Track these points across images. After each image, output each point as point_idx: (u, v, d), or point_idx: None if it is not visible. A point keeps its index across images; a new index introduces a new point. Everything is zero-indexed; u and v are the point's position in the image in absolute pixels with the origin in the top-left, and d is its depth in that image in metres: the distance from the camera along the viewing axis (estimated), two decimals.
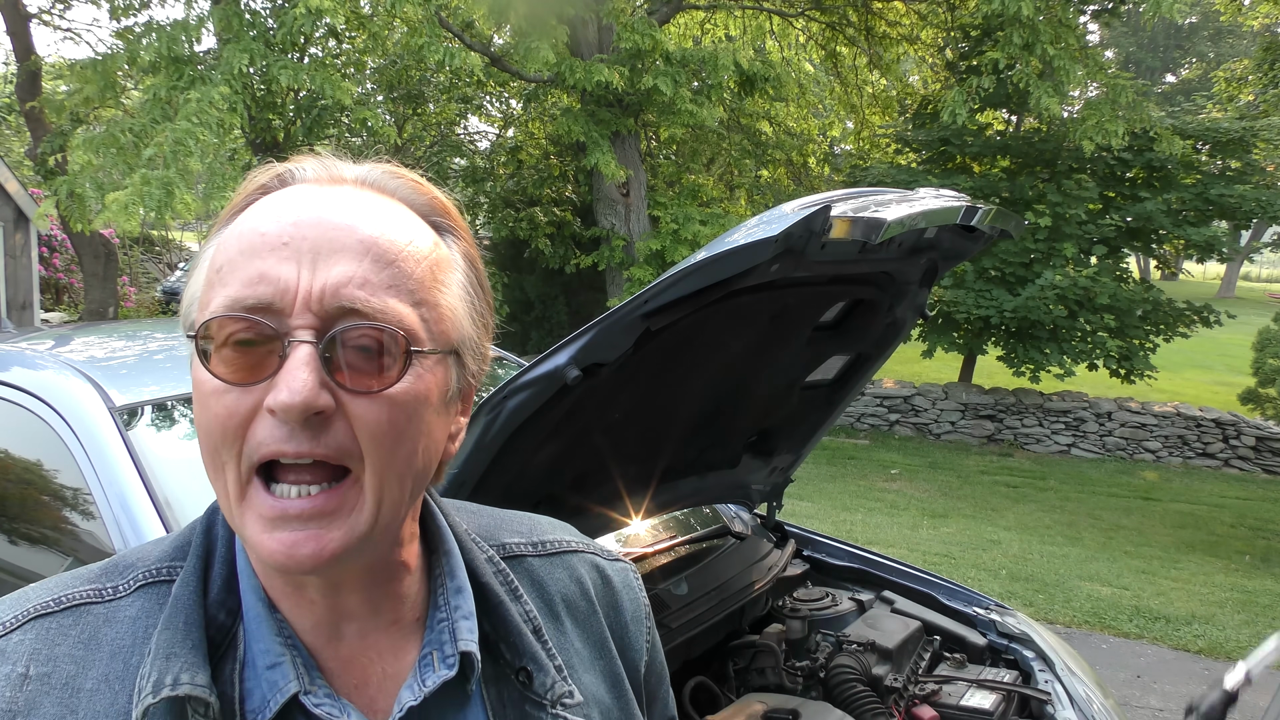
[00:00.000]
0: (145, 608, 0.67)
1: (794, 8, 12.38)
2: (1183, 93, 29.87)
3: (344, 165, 0.70)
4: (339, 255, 0.62)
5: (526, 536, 0.83)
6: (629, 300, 1.48)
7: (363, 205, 0.65)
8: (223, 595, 0.67)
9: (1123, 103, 9.11)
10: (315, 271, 0.61)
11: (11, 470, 2.15)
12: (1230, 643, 5.13)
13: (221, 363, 0.61)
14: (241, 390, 0.61)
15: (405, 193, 0.70)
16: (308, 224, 0.62)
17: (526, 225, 12.13)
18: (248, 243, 0.63)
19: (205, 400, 0.62)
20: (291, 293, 0.60)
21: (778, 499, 2.64)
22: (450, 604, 0.72)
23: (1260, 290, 36.27)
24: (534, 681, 0.72)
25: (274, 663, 0.65)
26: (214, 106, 7.12)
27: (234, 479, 0.62)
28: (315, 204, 0.64)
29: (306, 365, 0.59)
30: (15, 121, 17.77)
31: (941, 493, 8.87)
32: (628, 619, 0.84)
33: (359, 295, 0.61)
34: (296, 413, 0.59)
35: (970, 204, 1.79)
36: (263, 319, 0.60)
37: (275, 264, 0.61)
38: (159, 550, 0.71)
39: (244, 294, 0.61)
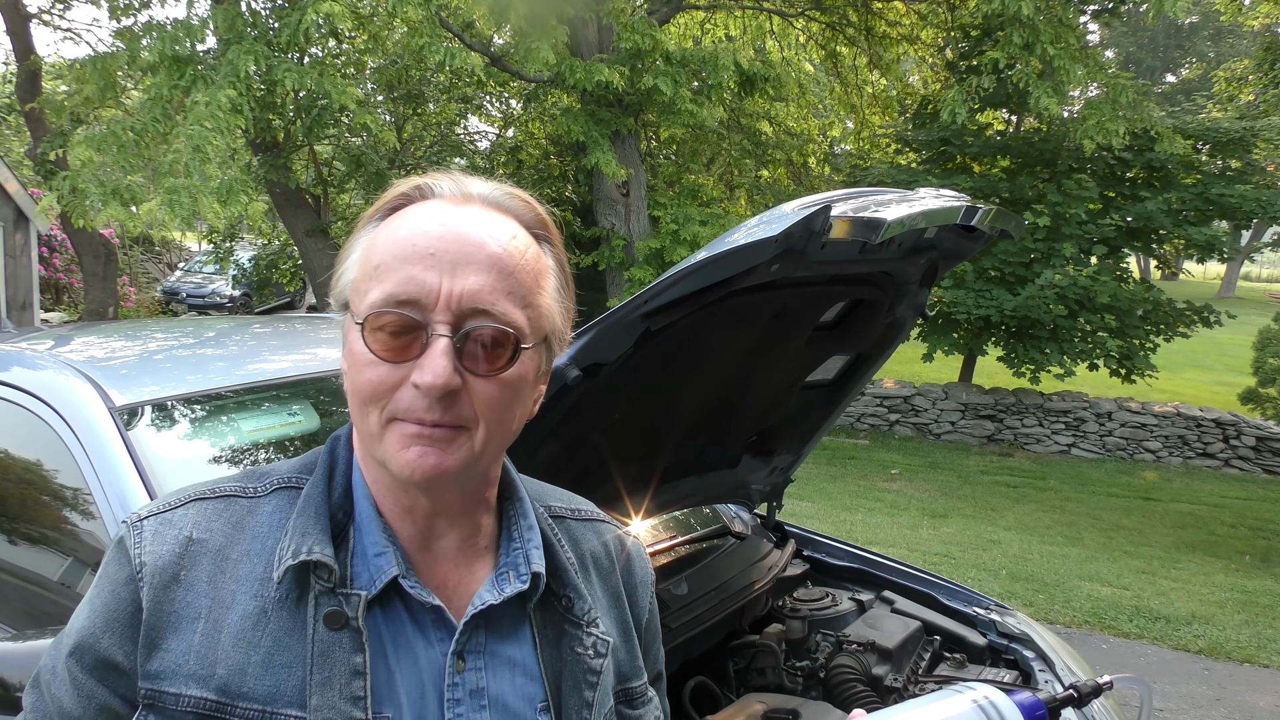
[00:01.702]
0: (279, 505, 0.86)
1: (794, 8, 12.37)
2: (1183, 93, 29.87)
3: (472, 183, 0.86)
4: (471, 267, 0.79)
5: (567, 503, 1.03)
6: (629, 300, 1.48)
7: (489, 224, 0.82)
8: (341, 500, 0.86)
9: (1123, 102, 9.11)
10: (454, 279, 0.78)
11: (11, 470, 2.15)
12: (1230, 643, 5.13)
13: (376, 342, 0.78)
14: (391, 366, 0.78)
15: (518, 210, 0.87)
16: (449, 239, 0.79)
17: None
18: (401, 250, 0.79)
19: (361, 368, 0.80)
20: (434, 295, 0.78)
21: (778, 499, 2.64)
22: (524, 536, 0.91)
23: (1260, 290, 36.26)
24: (574, 606, 0.90)
25: (380, 551, 0.83)
26: (221, 109, 7.13)
27: (376, 420, 0.80)
28: (454, 222, 0.81)
29: (445, 354, 0.77)
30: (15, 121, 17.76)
31: (941, 493, 8.87)
32: (637, 581, 1.02)
33: (486, 299, 0.79)
34: (438, 391, 0.77)
35: (970, 204, 1.79)
36: (411, 313, 0.78)
37: (422, 270, 0.78)
38: (288, 465, 0.90)
39: (398, 291, 0.78)
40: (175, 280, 20.95)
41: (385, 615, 0.83)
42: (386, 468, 0.81)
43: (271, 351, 2.60)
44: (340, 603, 0.81)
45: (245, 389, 2.19)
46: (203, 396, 2.12)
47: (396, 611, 0.84)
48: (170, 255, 24.23)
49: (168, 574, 0.81)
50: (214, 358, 2.50)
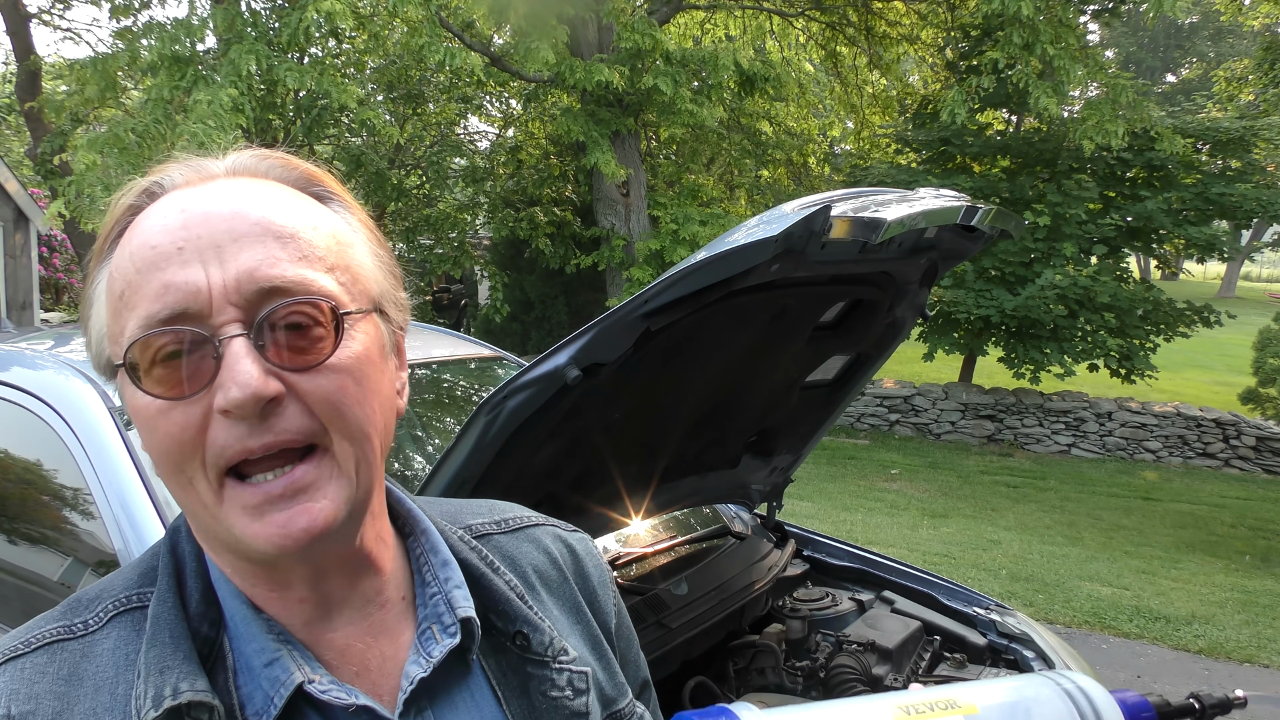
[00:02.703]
0: (122, 636, 0.66)
1: (794, 8, 12.37)
2: (1183, 93, 29.87)
3: (209, 162, 0.69)
4: (239, 242, 0.61)
5: (488, 516, 0.85)
6: (629, 300, 1.48)
7: (243, 192, 0.65)
8: (202, 608, 0.67)
9: (1123, 102, 9.11)
10: (223, 264, 0.61)
11: (11, 470, 2.15)
12: (1230, 643, 5.13)
13: (156, 383, 0.61)
14: (187, 403, 0.60)
15: (277, 171, 0.70)
16: (196, 222, 0.62)
17: (526, 225, 12.13)
18: (142, 259, 0.62)
19: (151, 424, 0.62)
20: (205, 292, 0.60)
21: (778, 499, 2.64)
22: (440, 577, 0.73)
23: (1260, 290, 36.26)
24: (532, 642, 0.74)
25: (271, 659, 0.65)
26: (222, 109, 7.14)
27: (206, 488, 0.62)
28: (197, 202, 0.63)
29: (246, 356, 0.59)
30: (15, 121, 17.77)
31: (941, 493, 8.87)
32: (595, 584, 0.86)
33: (274, 273, 0.61)
34: (250, 406, 0.59)
35: (970, 204, 1.79)
36: (184, 326, 0.60)
37: (177, 270, 0.60)
38: (122, 580, 0.70)
39: (156, 308, 0.60)
40: None
41: None
42: (243, 549, 0.63)
43: None
44: None
45: None
46: None
47: None
48: None
49: None
50: None
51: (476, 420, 1.53)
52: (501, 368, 2.93)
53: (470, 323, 16.50)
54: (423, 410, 2.64)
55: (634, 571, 2.24)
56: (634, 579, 2.20)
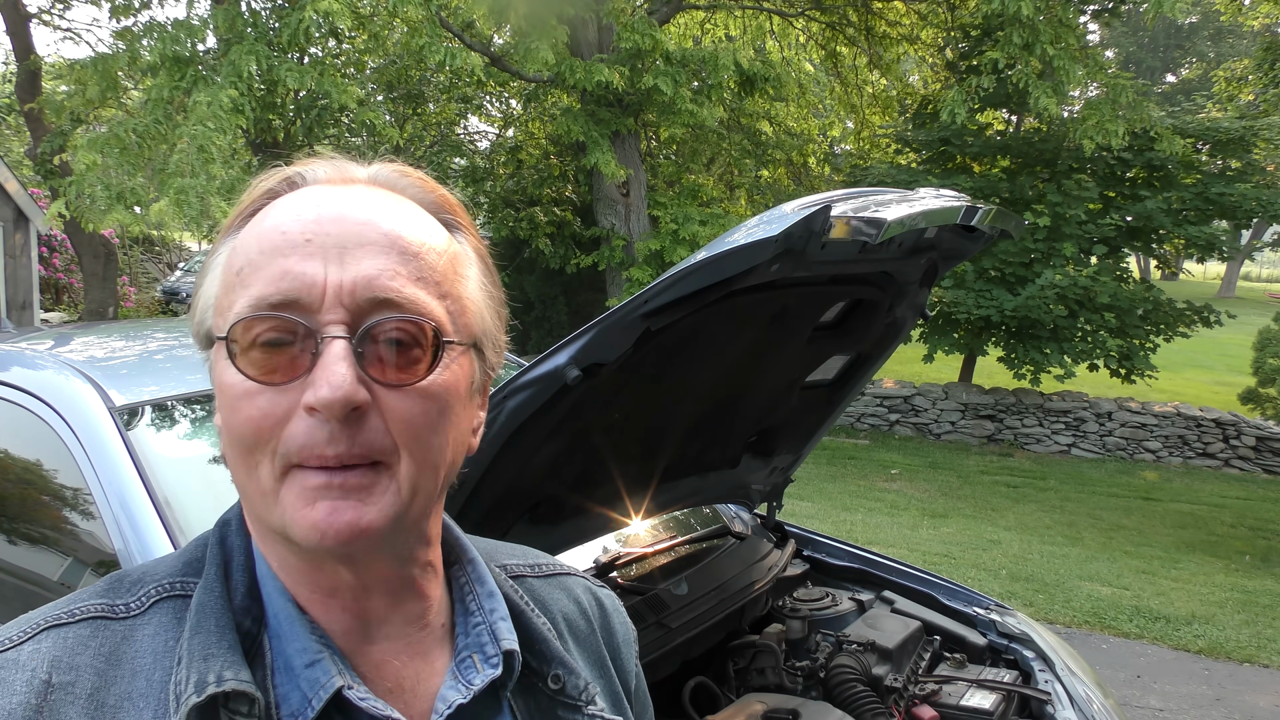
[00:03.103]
0: (163, 623, 0.65)
1: (794, 8, 12.37)
2: (1183, 93, 29.86)
3: (354, 166, 0.70)
4: (365, 249, 0.62)
5: (523, 559, 0.85)
6: (629, 300, 1.48)
7: (379, 202, 0.66)
8: (246, 603, 0.66)
9: (1123, 102, 9.11)
10: (344, 266, 0.61)
11: (11, 470, 2.15)
12: (1230, 643, 5.13)
13: (251, 364, 0.61)
14: (276, 390, 0.60)
15: (414, 191, 0.71)
16: (329, 220, 0.63)
17: (526, 225, 12.14)
18: (269, 242, 0.62)
19: (235, 403, 0.61)
20: (320, 287, 0.60)
21: (778, 499, 2.64)
22: (484, 607, 0.73)
23: (1260, 290, 36.26)
24: (566, 686, 0.73)
25: (313, 660, 0.64)
26: (222, 110, 7.14)
27: (269, 473, 0.61)
28: (334, 201, 0.64)
29: (344, 360, 0.59)
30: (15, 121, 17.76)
31: (941, 493, 8.87)
32: (620, 641, 0.86)
33: (389, 286, 0.61)
34: (339, 408, 0.59)
35: (970, 204, 1.79)
36: (292, 315, 0.60)
37: (300, 260, 0.61)
38: (166, 566, 0.69)
39: (269, 291, 0.60)
40: (175, 280, 20.95)
41: None
42: (288, 536, 0.62)
43: None
44: None
45: None
46: (203, 396, 2.12)
47: None
48: (170, 255, 24.23)
49: None
50: None
51: None
52: (501, 368, 2.93)
53: None
54: None
55: (634, 571, 2.24)
56: (634, 579, 2.20)
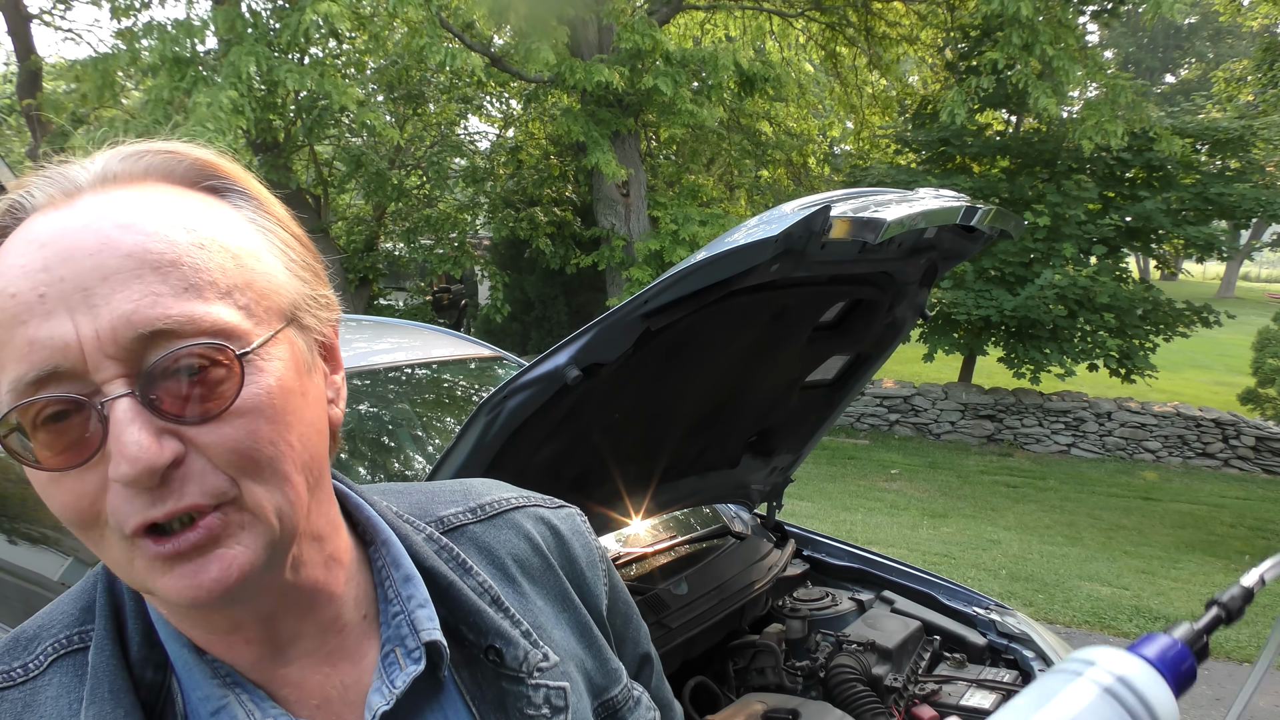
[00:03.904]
0: (64, 684, 0.61)
1: (794, 8, 12.38)
2: (1182, 93, 29.87)
3: (74, 169, 0.58)
4: (109, 282, 0.52)
5: (463, 504, 0.78)
6: (629, 300, 1.48)
7: (110, 214, 0.54)
8: (145, 651, 0.61)
9: (1122, 103, 9.11)
10: (94, 312, 0.52)
11: (11, 470, 2.15)
12: (1230, 643, 5.13)
13: (43, 449, 0.53)
14: (78, 472, 0.53)
15: (160, 169, 0.59)
16: (57, 263, 0.52)
17: (526, 225, 12.14)
18: (3, 311, 0.53)
19: (46, 491, 0.55)
20: (75, 347, 0.52)
21: (778, 499, 2.65)
22: (402, 595, 0.67)
23: (1260, 290, 36.26)
24: (505, 657, 0.69)
25: (217, 707, 0.60)
26: (222, 110, 7.14)
27: (115, 545, 0.55)
28: (58, 235, 0.53)
29: (134, 421, 0.52)
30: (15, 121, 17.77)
31: (941, 493, 8.87)
32: (583, 566, 0.80)
33: (156, 314, 0.52)
34: (145, 480, 0.52)
35: (970, 204, 1.80)
36: (57, 391, 0.52)
37: (40, 324, 0.52)
38: (61, 615, 0.64)
39: (23, 370, 0.52)
40: None
41: None
42: (163, 599, 0.57)
43: None
44: None
45: None
46: None
47: None
48: None
49: None
50: None
51: (477, 420, 1.53)
52: (501, 368, 2.94)
53: (470, 323, 16.51)
54: (423, 410, 2.64)
55: (634, 571, 2.24)
56: (634, 579, 2.20)
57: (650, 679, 0.87)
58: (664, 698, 0.88)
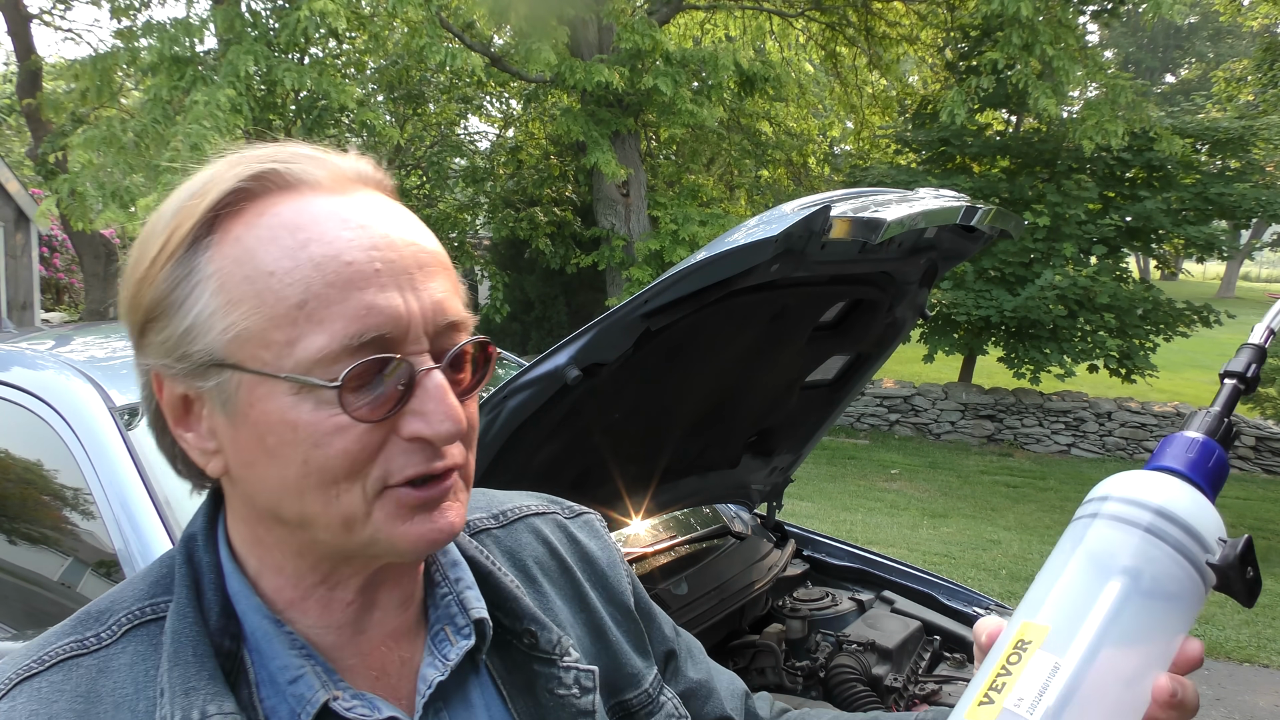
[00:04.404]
0: (139, 651, 0.64)
1: (794, 8, 12.38)
2: (1182, 93, 29.87)
3: (332, 159, 0.66)
4: (424, 272, 0.63)
5: (486, 510, 0.84)
6: (629, 300, 1.48)
7: (400, 215, 0.65)
8: (222, 622, 0.65)
9: (1122, 103, 9.11)
10: (417, 293, 0.61)
11: (11, 470, 2.15)
12: (1230, 643, 5.13)
13: (352, 401, 0.59)
14: (369, 428, 0.60)
15: (379, 180, 0.68)
16: (384, 244, 0.61)
17: (526, 225, 12.14)
18: (334, 274, 0.59)
19: (324, 439, 0.60)
20: (404, 319, 0.60)
21: (778, 499, 2.64)
22: (450, 578, 0.73)
23: (1260, 290, 36.26)
24: (540, 640, 0.73)
25: (295, 676, 0.64)
26: (220, 109, 7.14)
27: (358, 498, 0.61)
28: (369, 219, 0.62)
29: (449, 391, 0.62)
30: (15, 121, 17.77)
31: (941, 493, 8.87)
32: (604, 566, 0.86)
33: (454, 307, 0.64)
34: (455, 439, 0.62)
35: (970, 204, 1.80)
36: (384, 352, 0.60)
37: (377, 293, 0.60)
38: (133, 590, 0.68)
39: (355, 329, 0.59)
40: None
41: None
42: (382, 551, 0.64)
43: None
44: None
45: None
46: None
47: None
48: None
49: None
50: None
51: None
52: (501, 368, 2.94)
53: None
54: None
55: (634, 571, 2.24)
56: None
57: (682, 670, 0.91)
58: (701, 679, 0.92)
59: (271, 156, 0.64)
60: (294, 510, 0.62)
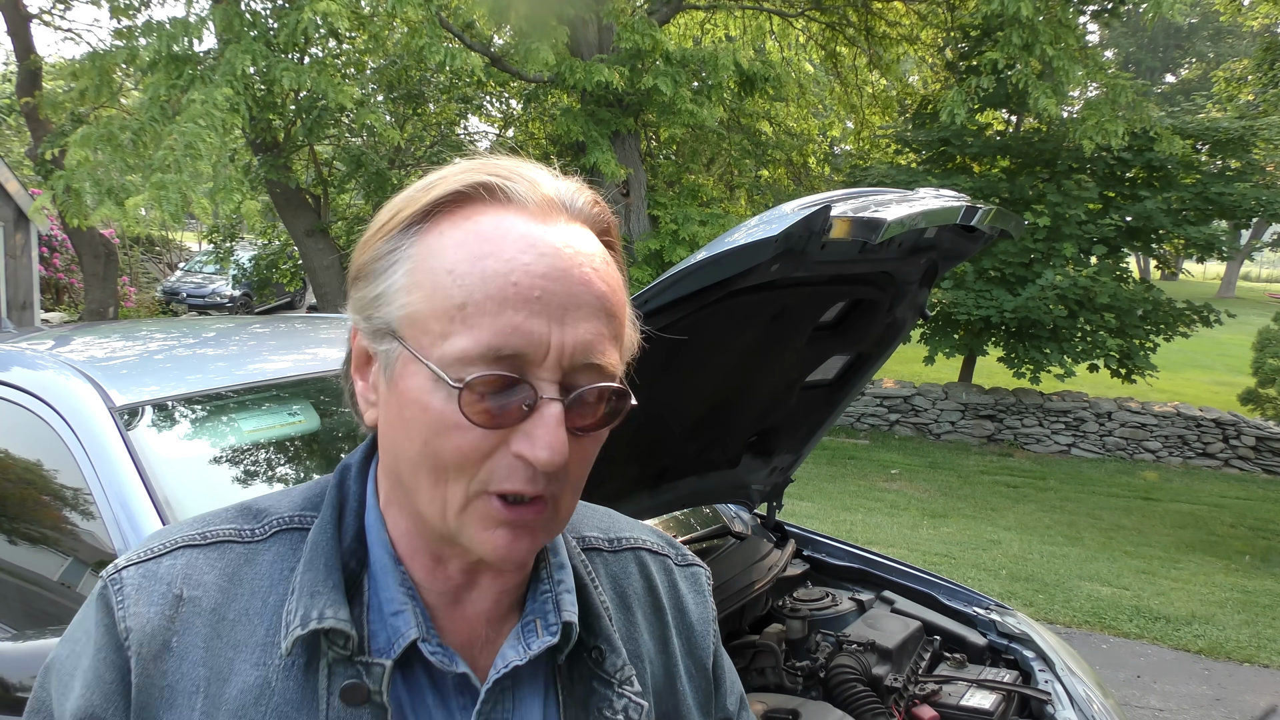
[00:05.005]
0: (280, 552, 0.74)
1: (794, 8, 12.38)
2: (1183, 93, 29.87)
3: (547, 182, 0.72)
4: (581, 311, 0.67)
5: (605, 533, 0.88)
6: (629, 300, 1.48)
7: (584, 249, 0.69)
8: (354, 546, 0.74)
9: (1122, 103, 9.11)
10: (564, 329, 0.66)
11: (11, 470, 2.15)
12: (1230, 643, 5.13)
13: (470, 404, 0.65)
14: (486, 431, 0.65)
15: (593, 217, 0.73)
16: (553, 276, 0.66)
17: None
18: (498, 290, 0.65)
19: (445, 431, 0.66)
20: (545, 347, 0.65)
21: (778, 499, 2.64)
22: (554, 578, 0.78)
23: (1260, 290, 36.26)
24: (605, 661, 0.77)
25: (398, 610, 0.72)
26: (216, 108, 7.13)
27: (459, 494, 0.67)
28: (551, 250, 0.67)
29: (561, 424, 0.65)
30: (15, 122, 17.78)
31: (941, 493, 8.87)
32: (694, 619, 0.89)
33: (596, 351, 0.67)
34: (554, 469, 0.65)
35: (970, 204, 1.79)
36: (516, 372, 0.65)
37: (528, 318, 0.65)
38: (289, 501, 0.78)
39: (498, 343, 0.64)
40: (175, 280, 20.95)
41: (405, 681, 0.73)
42: (463, 546, 0.70)
43: (271, 351, 2.61)
44: (360, 673, 0.70)
45: (245, 389, 2.19)
46: (203, 396, 2.12)
47: (416, 677, 0.73)
48: (170, 255, 24.24)
49: (157, 642, 0.70)
50: (214, 358, 2.50)
51: None
52: None
53: None
54: None
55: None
56: None
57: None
58: None
59: (497, 171, 0.70)
60: (409, 480, 0.70)
